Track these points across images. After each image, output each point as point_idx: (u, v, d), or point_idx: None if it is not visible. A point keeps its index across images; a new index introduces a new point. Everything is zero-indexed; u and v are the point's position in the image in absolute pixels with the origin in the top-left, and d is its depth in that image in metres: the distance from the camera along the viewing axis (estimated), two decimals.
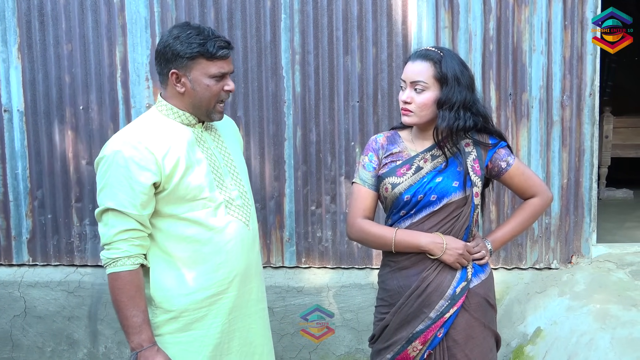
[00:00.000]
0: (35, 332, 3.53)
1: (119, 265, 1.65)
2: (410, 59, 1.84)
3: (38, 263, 3.61)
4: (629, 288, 3.09)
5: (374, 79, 3.40)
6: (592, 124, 3.37)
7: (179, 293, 1.72)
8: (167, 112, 1.77)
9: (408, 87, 1.81)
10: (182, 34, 1.69)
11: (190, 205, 1.71)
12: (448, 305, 1.80)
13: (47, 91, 3.52)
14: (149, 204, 1.67)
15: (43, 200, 3.58)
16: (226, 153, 1.85)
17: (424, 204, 1.81)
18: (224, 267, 1.75)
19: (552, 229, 3.42)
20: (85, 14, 3.45)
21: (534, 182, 1.94)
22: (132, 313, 1.65)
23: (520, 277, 3.41)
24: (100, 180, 1.68)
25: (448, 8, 3.34)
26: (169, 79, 1.73)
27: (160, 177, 1.67)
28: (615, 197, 5.22)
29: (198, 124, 1.79)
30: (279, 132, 3.46)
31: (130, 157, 1.65)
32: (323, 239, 3.51)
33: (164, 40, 1.72)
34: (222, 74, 1.73)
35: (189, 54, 1.68)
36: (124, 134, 1.72)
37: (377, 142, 1.92)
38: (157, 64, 1.75)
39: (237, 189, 1.82)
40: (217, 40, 1.70)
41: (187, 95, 1.73)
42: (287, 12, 3.39)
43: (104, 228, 1.67)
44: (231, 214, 1.77)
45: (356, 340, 3.41)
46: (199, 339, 1.74)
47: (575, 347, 2.78)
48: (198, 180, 1.72)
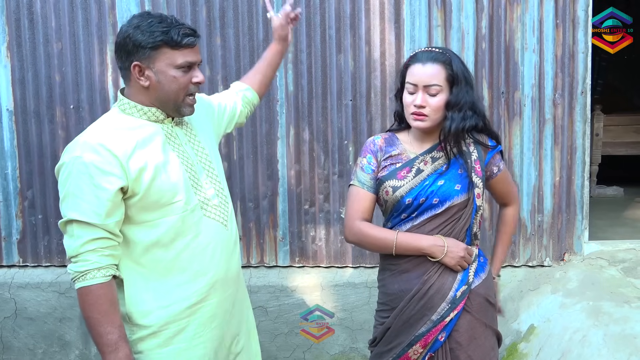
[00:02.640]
0: (26, 334, 3.50)
1: (88, 279, 1.50)
2: (419, 62, 1.77)
3: (29, 264, 3.57)
4: (621, 285, 3.11)
5: (367, 78, 3.40)
6: (583, 122, 3.39)
7: (156, 306, 1.60)
8: (130, 110, 1.62)
9: (420, 91, 1.76)
10: (142, 22, 1.56)
11: (164, 210, 1.58)
12: (449, 309, 1.79)
13: (37, 90, 3.48)
14: (115, 211, 1.53)
15: (33, 201, 3.54)
16: (200, 148, 1.72)
17: (426, 207, 1.80)
18: (202, 274, 1.64)
19: (545, 226, 3.44)
20: (75, 12, 3.42)
21: (513, 189, 2.01)
22: (106, 330, 1.51)
23: (513, 274, 3.42)
24: (62, 189, 1.54)
25: (441, 6, 3.34)
26: (131, 72, 1.59)
27: (126, 181, 1.53)
28: (606, 194, 5.26)
29: (167, 119, 1.66)
30: (272, 131, 3.45)
31: (91, 162, 1.51)
32: (317, 238, 3.51)
33: (123, 31, 1.58)
34: (190, 64, 1.60)
35: (152, 43, 1.54)
36: (82, 138, 1.57)
37: (375, 143, 1.87)
38: (118, 58, 1.61)
39: (213, 186, 1.71)
40: (182, 28, 1.57)
41: (152, 89, 1.60)
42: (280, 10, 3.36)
43: (69, 240, 1.53)
44: (208, 215, 1.66)
45: (350, 339, 3.40)
46: (182, 352, 1.64)
47: (568, 344, 2.80)
48: (170, 182, 1.59)
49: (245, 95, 2.03)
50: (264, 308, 3.38)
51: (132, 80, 1.61)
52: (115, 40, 1.63)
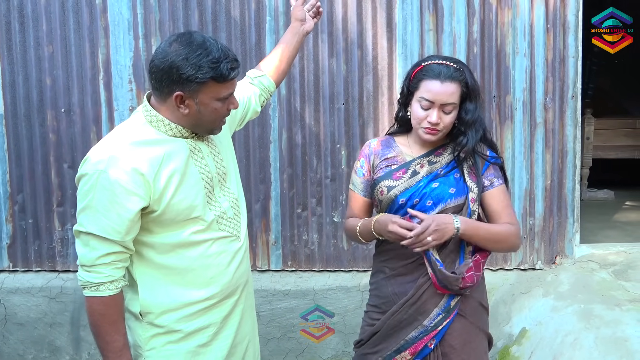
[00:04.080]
0: (15, 340, 3.46)
1: (101, 290, 1.55)
2: (437, 79, 1.74)
3: (19, 269, 3.54)
4: (612, 288, 3.13)
5: (359, 82, 3.40)
6: (574, 126, 3.41)
7: (169, 308, 1.65)
8: (157, 123, 1.61)
9: (437, 109, 1.75)
10: (190, 55, 1.51)
11: (181, 224, 1.62)
12: (442, 317, 1.79)
13: (28, 93, 3.45)
14: (134, 227, 1.56)
15: (24, 205, 3.51)
16: (219, 159, 1.73)
17: (419, 209, 1.80)
18: (214, 281, 1.69)
19: (537, 229, 3.45)
20: (66, 15, 3.40)
21: (511, 213, 1.85)
22: (113, 338, 1.58)
23: (505, 278, 3.43)
24: (82, 200, 1.55)
25: (432, 11, 3.36)
26: (170, 98, 1.57)
27: (148, 201, 1.55)
28: (596, 197, 5.29)
29: (192, 134, 1.67)
30: (265, 135, 3.44)
31: (116, 180, 1.51)
32: (309, 242, 3.50)
33: (169, 60, 1.52)
34: (230, 94, 1.61)
35: (200, 79, 1.52)
36: (109, 149, 1.56)
37: (370, 147, 1.92)
38: (156, 80, 1.57)
39: (228, 199, 1.74)
40: (230, 62, 1.55)
41: (190, 116, 1.59)
42: (272, 14, 3.37)
43: (84, 249, 1.55)
44: (222, 228, 1.70)
45: (343, 343, 3.40)
46: (193, 350, 1.70)
47: (560, 347, 2.80)
48: (189, 200, 1.61)
49: (261, 81, 2.02)
50: (256, 312, 3.37)
51: (169, 104, 1.59)
52: (153, 61, 1.57)
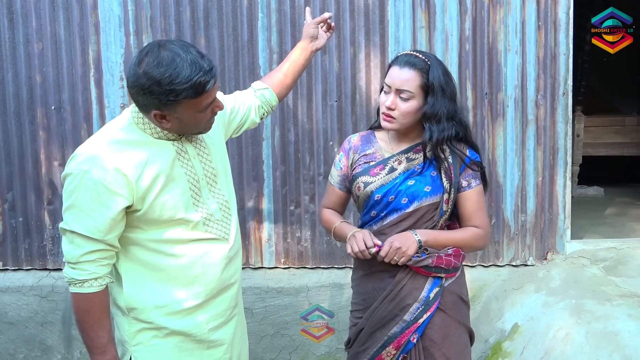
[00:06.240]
0: (6, 339, 3.43)
1: (85, 287, 1.57)
2: (397, 64, 1.79)
3: (9, 267, 3.51)
4: (603, 283, 3.16)
5: (352, 79, 3.40)
6: (565, 123, 3.43)
7: (153, 305, 1.65)
8: (143, 125, 1.61)
9: (393, 93, 1.77)
10: (161, 77, 1.47)
11: (165, 224, 1.62)
12: (422, 310, 1.80)
13: (17, 91, 3.42)
14: (117, 226, 1.57)
15: (14, 203, 3.48)
16: (207, 161, 1.71)
17: (395, 207, 1.81)
18: (198, 280, 1.68)
19: (528, 226, 3.47)
20: (56, 12, 3.37)
21: (482, 216, 1.86)
22: (98, 334, 1.59)
23: (497, 274, 3.45)
24: (67, 198, 1.57)
25: (425, 8, 3.36)
26: (149, 114, 1.56)
27: (132, 201, 1.56)
28: (587, 194, 5.33)
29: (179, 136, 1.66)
30: (257, 132, 3.43)
31: (99, 180, 1.52)
32: (302, 239, 3.50)
33: (140, 83, 1.49)
34: (211, 102, 1.58)
35: (173, 100, 1.50)
36: (94, 148, 1.57)
37: (350, 142, 1.94)
38: (133, 98, 1.55)
39: (217, 201, 1.72)
40: (203, 74, 1.49)
41: (173, 127, 1.59)
42: (265, 11, 3.36)
43: (69, 246, 1.57)
44: (209, 230, 1.69)
45: (336, 340, 3.40)
46: (178, 345, 1.70)
47: (552, 342, 2.83)
48: (173, 201, 1.61)
49: (264, 94, 2.01)
50: (249, 310, 3.37)
51: (150, 117, 1.58)
52: (127, 79, 1.55)
